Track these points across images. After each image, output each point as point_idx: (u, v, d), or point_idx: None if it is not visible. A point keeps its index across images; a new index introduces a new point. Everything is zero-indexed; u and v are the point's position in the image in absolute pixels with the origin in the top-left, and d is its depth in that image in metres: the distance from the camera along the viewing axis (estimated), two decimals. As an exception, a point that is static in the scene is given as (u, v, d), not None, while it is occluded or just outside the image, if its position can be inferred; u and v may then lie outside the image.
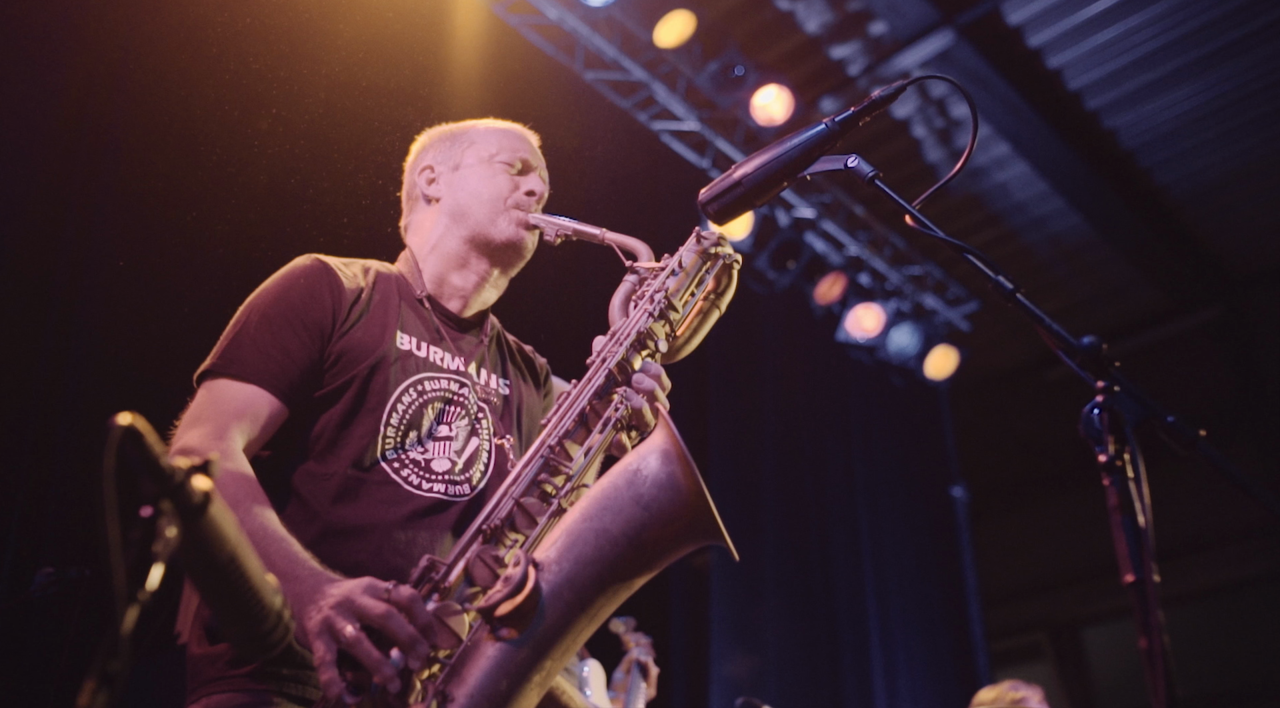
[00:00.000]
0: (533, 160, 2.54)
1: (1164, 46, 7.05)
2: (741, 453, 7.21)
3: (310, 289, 2.24)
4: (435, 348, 2.33)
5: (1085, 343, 1.53)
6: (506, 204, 2.42)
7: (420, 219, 2.51)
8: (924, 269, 8.33)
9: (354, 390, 2.18)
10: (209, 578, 1.16)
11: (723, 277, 2.32)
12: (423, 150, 2.60)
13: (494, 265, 2.44)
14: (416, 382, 2.26)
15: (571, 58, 6.43)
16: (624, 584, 1.83)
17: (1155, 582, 1.37)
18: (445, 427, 2.25)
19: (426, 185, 2.52)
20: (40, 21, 4.36)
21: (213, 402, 2.12)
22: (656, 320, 2.18)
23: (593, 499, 1.86)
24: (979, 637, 8.42)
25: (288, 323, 2.19)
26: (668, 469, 1.85)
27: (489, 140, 2.53)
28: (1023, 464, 9.54)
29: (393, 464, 2.16)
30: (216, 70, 4.56)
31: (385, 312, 2.31)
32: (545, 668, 1.74)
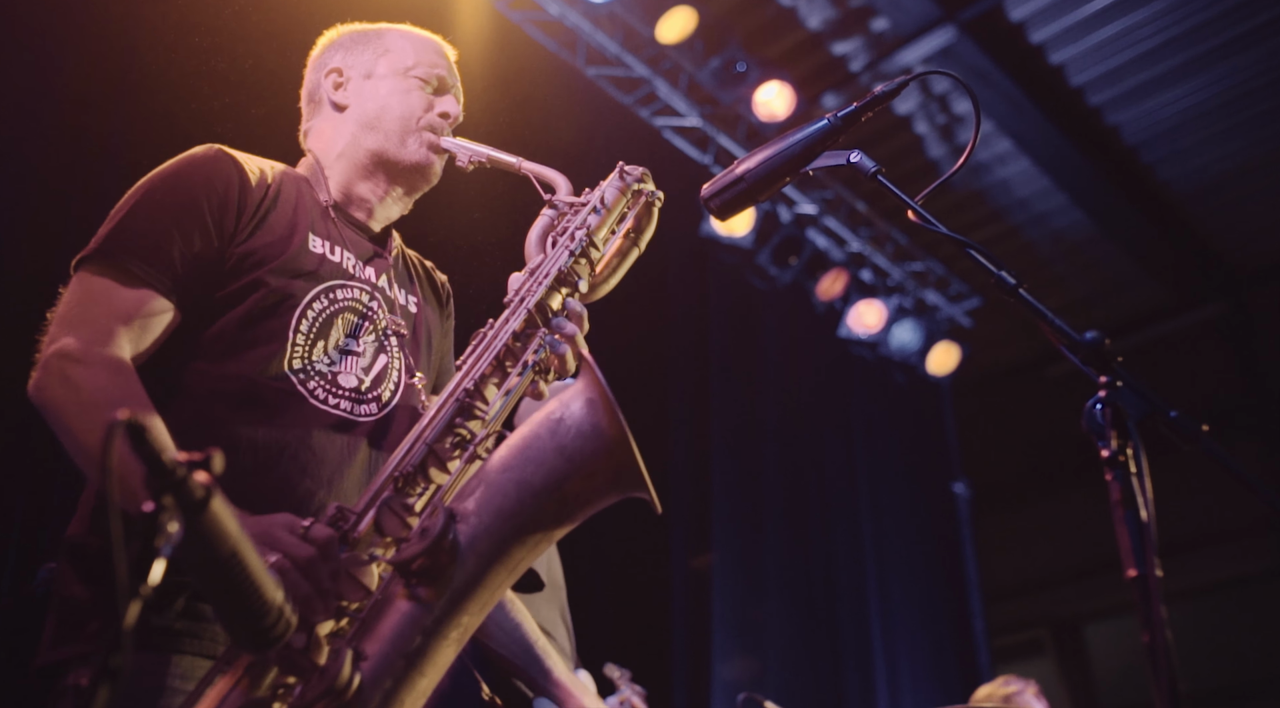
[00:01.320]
0: (449, 78, 2.41)
1: (1166, 42, 7.04)
2: (743, 449, 7.21)
3: (211, 179, 2.07)
4: (347, 253, 2.21)
5: (1088, 338, 1.53)
6: (418, 124, 2.30)
7: (323, 125, 2.38)
8: (926, 265, 8.33)
9: (261, 293, 2.03)
10: (210, 573, 1.16)
11: (644, 215, 2.22)
12: (330, 48, 2.45)
13: (398, 185, 2.32)
14: (328, 289, 2.13)
15: (573, 54, 6.43)
16: (544, 536, 1.76)
17: (1158, 577, 1.37)
18: (354, 340, 2.12)
19: (333, 89, 2.37)
20: (40, 20, 4.36)
21: (95, 300, 1.93)
22: (577, 259, 2.07)
23: (514, 449, 1.78)
24: (980, 633, 8.42)
25: (185, 214, 2.01)
26: (592, 418, 1.77)
27: (404, 50, 2.39)
28: (1025, 460, 9.53)
29: (298, 375, 2.02)
30: (217, 68, 4.55)
31: (295, 211, 2.17)
32: (462, 624, 1.68)
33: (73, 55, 4.43)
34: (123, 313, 1.92)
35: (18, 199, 4.23)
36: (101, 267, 1.96)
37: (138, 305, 1.93)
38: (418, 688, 1.64)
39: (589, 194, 2.19)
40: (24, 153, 4.27)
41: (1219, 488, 6.59)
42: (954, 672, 8.05)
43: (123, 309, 1.92)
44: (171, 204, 2.02)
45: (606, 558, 5.37)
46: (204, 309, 2.02)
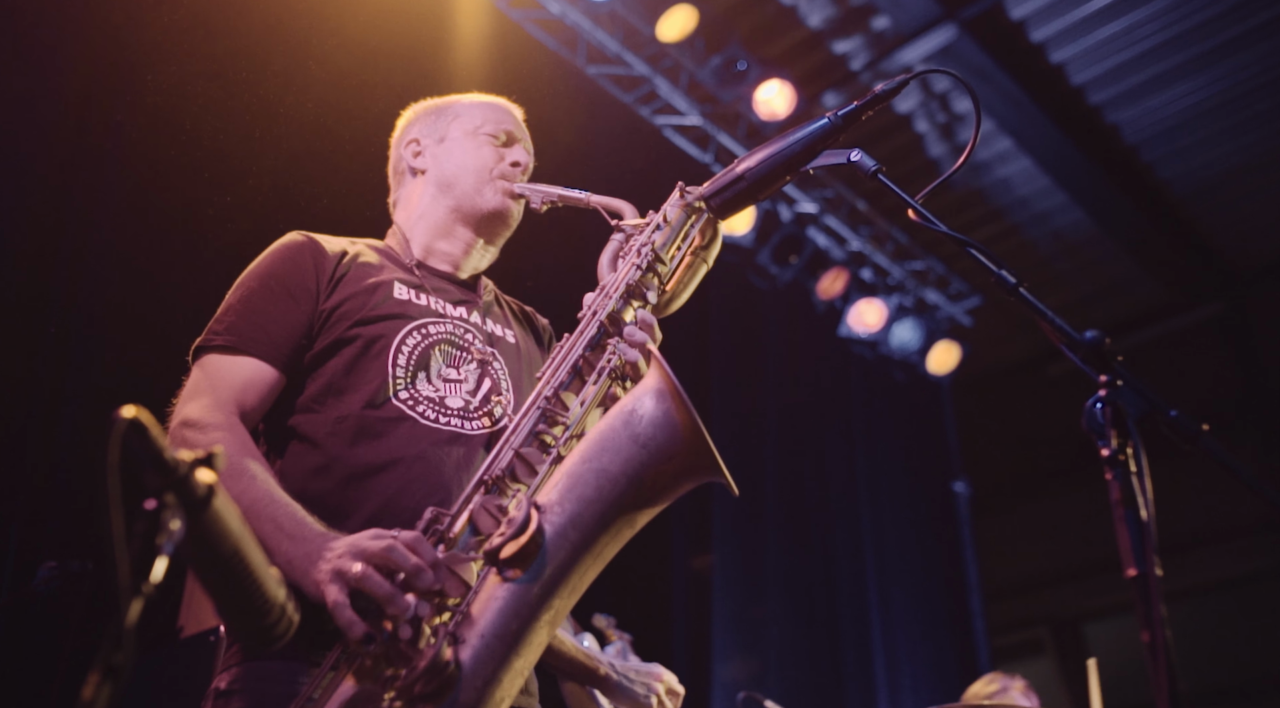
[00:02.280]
0: (517, 132, 2.57)
1: (1166, 42, 7.03)
2: (743, 448, 7.21)
3: (295, 257, 2.27)
4: (434, 297, 2.35)
5: (1088, 337, 1.53)
6: (492, 175, 2.45)
7: (407, 193, 2.54)
8: (926, 264, 8.32)
9: (354, 338, 2.19)
10: (213, 571, 1.17)
11: (708, 230, 2.32)
12: (408, 125, 2.62)
13: (480, 235, 2.47)
14: (419, 325, 2.26)
15: (574, 52, 6.43)
16: (627, 522, 1.85)
17: (1158, 576, 1.37)
18: (454, 369, 2.25)
19: (413, 158, 2.54)
20: (42, 20, 4.36)
21: (209, 376, 2.13)
22: (645, 273, 2.20)
23: (591, 441, 1.88)
24: (980, 632, 8.42)
25: (278, 292, 2.21)
26: (663, 407, 1.87)
27: (473, 113, 2.56)
28: (1025, 459, 9.53)
29: (406, 403, 2.16)
30: (219, 67, 4.55)
31: (377, 270, 2.33)
32: (554, 607, 1.77)
33: (72, 53, 4.43)
34: (235, 383, 2.12)
35: (17, 199, 4.23)
36: (214, 351, 2.17)
37: (248, 374, 2.14)
38: (515, 668, 1.74)
39: (653, 215, 2.30)
40: (23, 151, 4.27)
41: (1219, 487, 6.59)
42: (954, 671, 8.05)
43: (235, 380, 2.13)
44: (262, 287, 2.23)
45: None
46: (304, 367, 2.20)
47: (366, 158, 4.66)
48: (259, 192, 4.51)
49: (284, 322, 2.19)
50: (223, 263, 4.12)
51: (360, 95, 4.83)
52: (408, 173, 2.55)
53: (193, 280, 4.33)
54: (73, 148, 4.37)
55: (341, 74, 4.80)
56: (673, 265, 2.26)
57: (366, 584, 1.74)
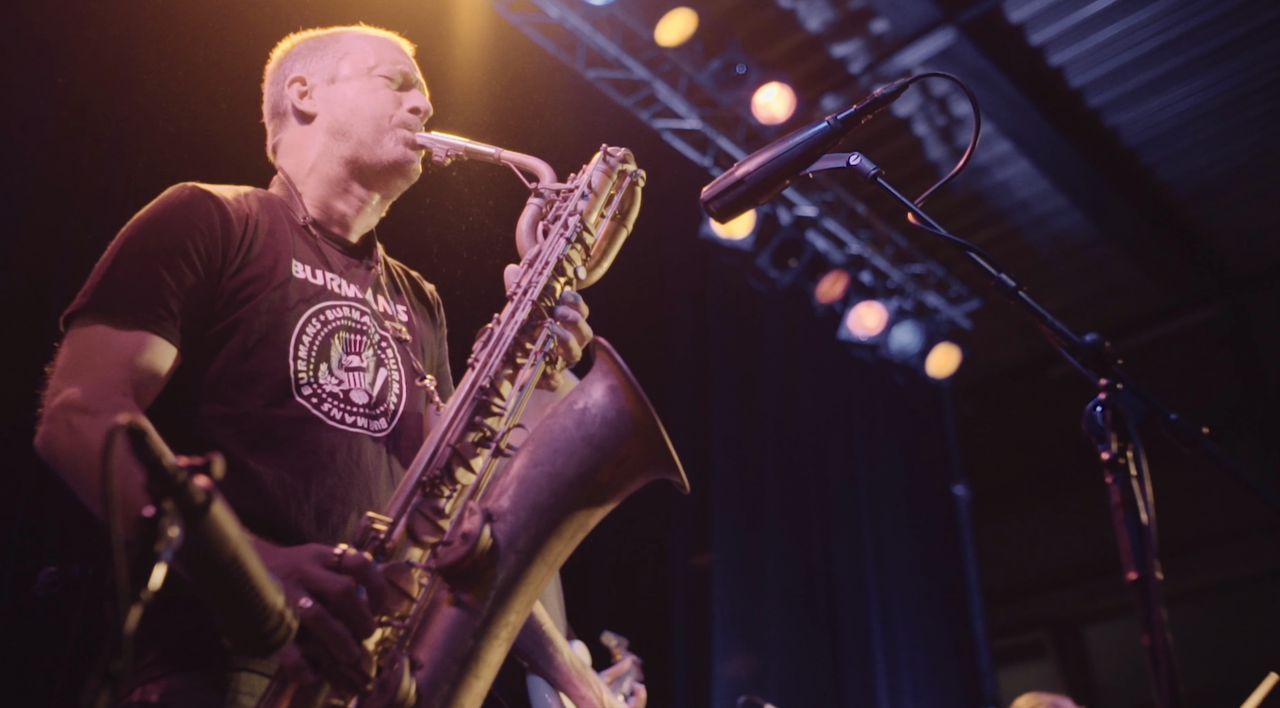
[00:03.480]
0: (413, 74, 2.37)
1: (1165, 44, 7.04)
2: (743, 452, 7.21)
3: (193, 218, 2.03)
4: (330, 274, 2.17)
5: (1088, 340, 1.53)
6: (391, 122, 2.26)
7: (293, 139, 2.32)
8: (926, 267, 8.33)
9: (254, 324, 2.00)
10: (211, 578, 1.16)
11: (628, 196, 2.23)
12: (288, 58, 2.40)
13: (377, 190, 2.28)
14: (318, 311, 2.09)
15: (573, 56, 6.43)
16: (580, 526, 1.77)
17: (1158, 579, 1.37)
18: (355, 357, 2.10)
19: (298, 99, 2.31)
20: (41, 22, 4.36)
21: (93, 348, 1.90)
22: (573, 246, 2.07)
23: (541, 443, 1.79)
24: (981, 635, 8.41)
25: (171, 255, 1.97)
26: (617, 404, 1.79)
27: (365, 51, 2.35)
28: (1025, 462, 9.53)
29: (310, 400, 2.00)
30: (217, 68, 4.55)
31: (276, 239, 2.13)
32: (510, 622, 1.69)
33: (69, 54, 4.43)
34: (123, 358, 1.88)
35: (15, 202, 4.23)
36: (94, 317, 1.92)
37: (137, 349, 1.90)
38: (474, 690, 1.66)
39: (574, 179, 2.19)
40: (21, 153, 4.27)
41: (1219, 489, 6.58)
42: (955, 674, 8.05)
43: (122, 354, 1.89)
44: (156, 247, 1.99)
45: (606, 560, 5.37)
46: (198, 350, 1.98)
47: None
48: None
49: (184, 292, 1.95)
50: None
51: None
52: (291, 114, 2.32)
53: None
54: (70, 151, 4.37)
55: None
56: (597, 234, 2.15)
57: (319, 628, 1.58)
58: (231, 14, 4.62)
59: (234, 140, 4.54)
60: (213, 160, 4.46)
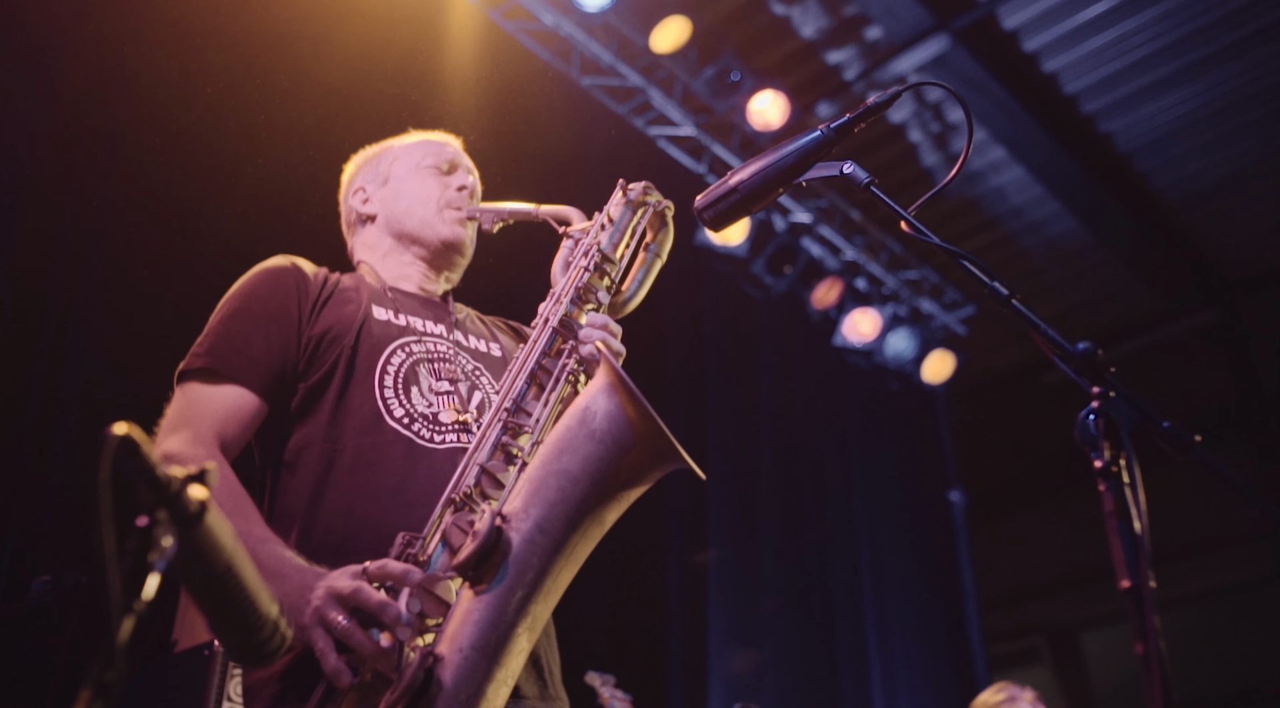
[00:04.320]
0: (457, 159, 2.60)
1: (1160, 50, 7.06)
2: (739, 457, 7.21)
3: (278, 281, 2.28)
4: (411, 317, 2.36)
5: (1080, 348, 1.53)
6: (439, 204, 2.48)
7: (364, 239, 2.56)
8: (921, 274, 8.34)
9: (343, 365, 2.19)
10: (205, 587, 1.17)
11: (656, 225, 2.35)
12: (351, 177, 2.66)
13: (441, 266, 2.50)
14: (402, 344, 2.27)
15: (567, 63, 6.44)
16: (595, 520, 1.86)
17: (1151, 588, 1.37)
18: (445, 382, 2.25)
19: (361, 205, 2.57)
20: (36, 25, 4.36)
21: (191, 404, 2.12)
22: (593, 274, 2.22)
23: (549, 445, 1.89)
24: (977, 641, 8.41)
25: (261, 315, 2.21)
26: (614, 401, 1.88)
27: (412, 151, 2.60)
28: (1020, 468, 9.54)
29: (402, 422, 2.16)
30: (213, 76, 4.56)
31: (356, 291, 2.34)
32: (531, 613, 1.77)
33: (66, 59, 4.43)
34: (217, 413, 2.10)
35: (11, 209, 4.23)
36: (194, 375, 2.16)
37: (230, 403, 2.12)
38: (498, 679, 1.74)
39: (598, 216, 2.33)
40: (17, 160, 4.27)
41: (1213, 496, 6.59)
42: (950, 680, 8.05)
43: (217, 409, 2.11)
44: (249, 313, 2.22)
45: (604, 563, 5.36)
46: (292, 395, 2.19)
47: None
48: (253, 201, 4.51)
49: (268, 346, 2.18)
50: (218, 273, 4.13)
51: (354, 105, 4.84)
52: (359, 221, 2.58)
53: (188, 290, 4.32)
54: (67, 157, 4.37)
55: (335, 84, 4.81)
56: (622, 264, 2.28)
57: (351, 641, 1.76)
58: (229, 19, 4.62)
59: (228, 149, 4.55)
60: (211, 163, 4.47)
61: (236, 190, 4.50)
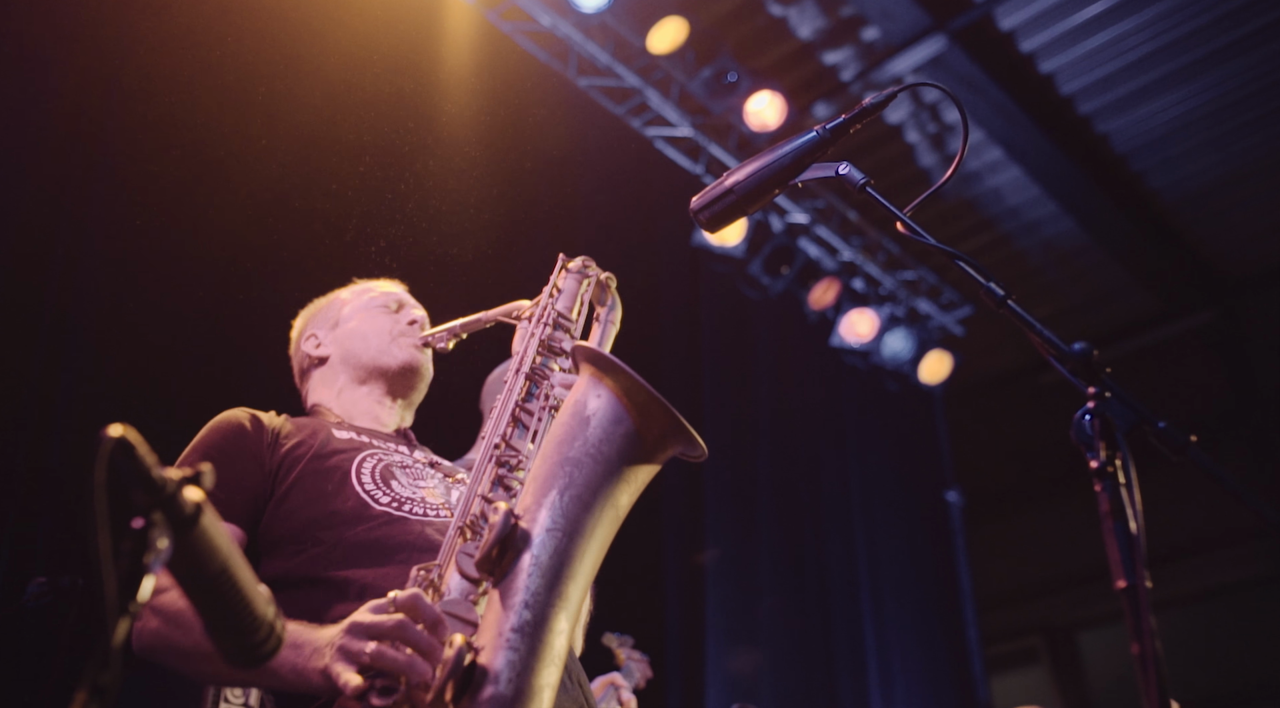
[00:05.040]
0: (404, 299, 2.66)
1: (1156, 51, 7.07)
2: (736, 458, 7.21)
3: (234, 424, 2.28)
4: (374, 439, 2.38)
5: (1076, 349, 1.54)
6: (393, 334, 2.54)
7: (318, 382, 2.58)
8: (918, 274, 8.34)
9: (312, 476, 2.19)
10: (200, 589, 1.16)
11: (599, 296, 2.42)
12: (301, 328, 2.70)
13: (397, 394, 2.54)
14: (370, 452, 2.29)
15: (564, 64, 6.44)
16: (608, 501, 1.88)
17: (1147, 588, 1.37)
18: (419, 482, 2.28)
19: (314, 349, 2.60)
20: (34, 27, 4.36)
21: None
22: (554, 330, 2.27)
23: (548, 442, 1.93)
24: (974, 641, 8.42)
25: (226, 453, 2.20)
26: (604, 383, 1.92)
27: (358, 295, 2.66)
28: (1017, 468, 9.54)
29: (391, 506, 2.16)
30: (211, 78, 4.56)
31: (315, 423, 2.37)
32: (564, 593, 1.79)
33: (64, 64, 4.43)
34: None
35: (9, 209, 4.22)
36: None
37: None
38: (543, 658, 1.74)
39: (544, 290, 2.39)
40: (16, 161, 4.27)
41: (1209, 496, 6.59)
42: (948, 680, 8.05)
43: None
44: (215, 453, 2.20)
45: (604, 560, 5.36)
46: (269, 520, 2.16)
47: (358, 168, 4.68)
48: (252, 201, 4.51)
49: (237, 480, 2.16)
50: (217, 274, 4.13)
51: (351, 106, 4.84)
52: (313, 367, 2.60)
53: (188, 291, 4.33)
54: (65, 158, 4.37)
55: (332, 86, 4.81)
56: (579, 323, 2.33)
57: (382, 661, 1.68)
58: (227, 21, 4.62)
59: (226, 150, 4.55)
60: (210, 164, 4.47)
61: (235, 191, 4.49)
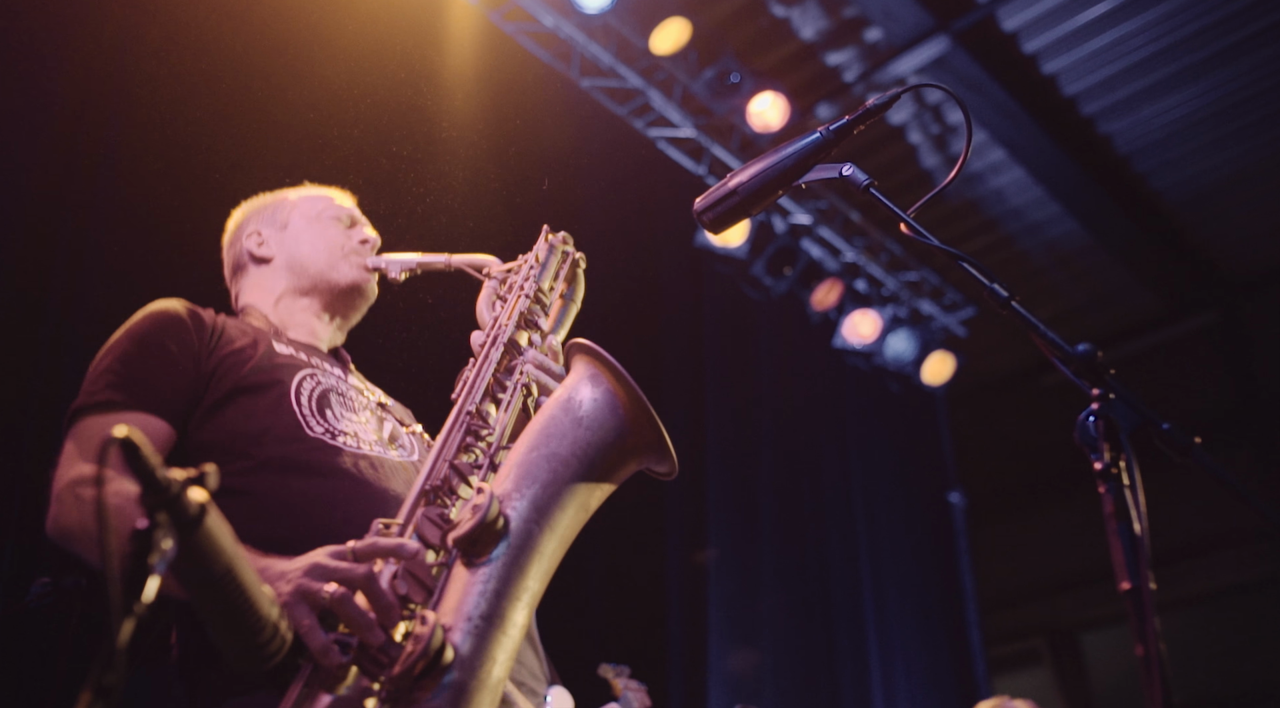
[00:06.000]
0: (357, 215, 2.57)
1: (1158, 52, 7.06)
2: (739, 459, 7.21)
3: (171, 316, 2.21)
4: (312, 357, 2.32)
5: (1080, 350, 1.54)
6: (344, 250, 2.45)
7: (253, 280, 2.49)
8: (920, 275, 8.34)
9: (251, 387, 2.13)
10: (205, 590, 1.16)
11: (571, 277, 2.39)
12: (241, 222, 2.60)
13: (337, 313, 2.46)
14: (309, 373, 2.24)
15: (567, 65, 6.44)
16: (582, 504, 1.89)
17: (1151, 590, 1.37)
18: (352, 414, 2.23)
19: (256, 247, 2.50)
20: (36, 28, 4.36)
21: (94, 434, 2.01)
22: (533, 301, 2.24)
23: (534, 432, 1.92)
24: (977, 642, 8.41)
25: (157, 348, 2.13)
26: (601, 387, 1.92)
27: (310, 202, 2.55)
28: (1020, 469, 9.53)
29: (325, 435, 2.12)
30: (212, 79, 4.56)
31: (254, 332, 2.30)
32: (529, 587, 1.79)
33: (65, 67, 4.44)
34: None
35: (10, 211, 4.23)
36: (92, 409, 2.05)
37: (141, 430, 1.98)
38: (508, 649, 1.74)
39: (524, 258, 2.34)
40: (16, 163, 4.27)
41: (1213, 497, 6.59)
42: (951, 682, 8.04)
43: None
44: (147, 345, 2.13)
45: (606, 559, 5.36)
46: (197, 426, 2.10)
47: (360, 170, 4.67)
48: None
49: (170, 376, 2.10)
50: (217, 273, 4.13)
51: (354, 107, 4.84)
52: (250, 262, 2.51)
53: (187, 292, 4.33)
54: (65, 160, 4.37)
55: (334, 86, 4.81)
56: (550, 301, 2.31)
57: (342, 609, 1.63)
58: (228, 23, 4.62)
59: (226, 152, 4.55)
60: (210, 165, 4.47)
61: (235, 192, 4.49)
